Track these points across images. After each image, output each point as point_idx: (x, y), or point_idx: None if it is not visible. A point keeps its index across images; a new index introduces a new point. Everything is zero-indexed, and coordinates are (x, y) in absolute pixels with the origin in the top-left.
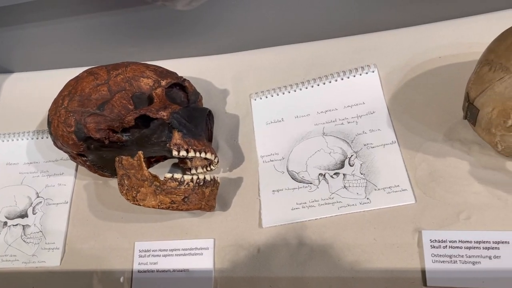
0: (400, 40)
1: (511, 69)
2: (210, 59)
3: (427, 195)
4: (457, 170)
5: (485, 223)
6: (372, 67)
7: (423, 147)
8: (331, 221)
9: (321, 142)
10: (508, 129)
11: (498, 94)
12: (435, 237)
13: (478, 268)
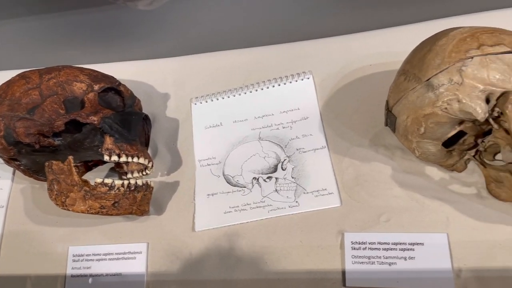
0: (334, 48)
1: (422, 79)
2: (152, 63)
3: (352, 199)
4: (380, 174)
5: (403, 225)
6: (308, 74)
7: (350, 152)
8: (262, 224)
9: (257, 146)
10: (422, 136)
11: (411, 103)
12: (356, 239)
13: (393, 269)
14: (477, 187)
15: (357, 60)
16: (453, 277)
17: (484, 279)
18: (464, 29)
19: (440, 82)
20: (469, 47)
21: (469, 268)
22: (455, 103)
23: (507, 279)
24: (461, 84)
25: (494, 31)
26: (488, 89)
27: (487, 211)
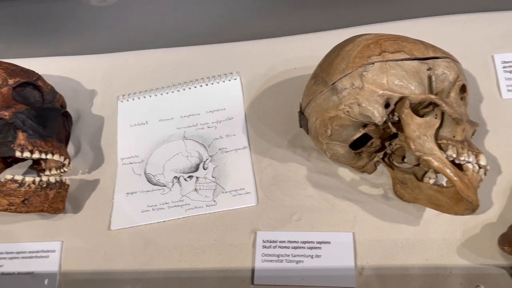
0: (262, 50)
1: (329, 83)
2: (80, 59)
3: (268, 198)
4: (296, 174)
5: (313, 224)
6: (235, 75)
7: (270, 152)
8: (178, 223)
9: (180, 145)
10: (330, 138)
11: (319, 105)
12: (267, 237)
13: (300, 267)
14: (385, 188)
15: (283, 63)
16: (355, 274)
17: (384, 277)
18: (370, 36)
19: (343, 86)
20: (371, 53)
21: (371, 266)
22: (356, 107)
23: (405, 277)
24: (362, 89)
25: (397, 39)
26: (386, 94)
27: (392, 211)
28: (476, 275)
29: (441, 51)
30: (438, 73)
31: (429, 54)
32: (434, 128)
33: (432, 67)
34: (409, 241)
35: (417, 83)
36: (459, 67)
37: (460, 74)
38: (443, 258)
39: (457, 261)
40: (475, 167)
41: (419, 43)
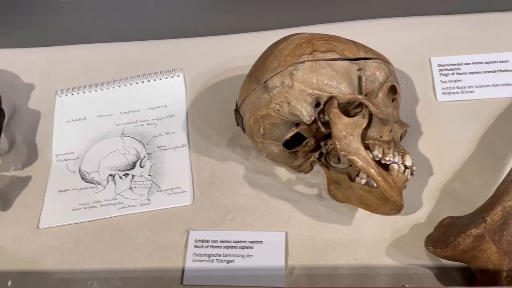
0: (206, 47)
1: (261, 81)
2: (18, 52)
3: (204, 197)
4: (234, 173)
5: (247, 223)
6: (179, 71)
7: (209, 151)
8: (110, 222)
9: (118, 142)
10: (263, 137)
11: (251, 103)
12: (200, 237)
13: (231, 267)
14: (320, 188)
15: (227, 60)
16: (286, 274)
17: (313, 276)
18: (304, 35)
19: (274, 85)
20: (303, 52)
21: (302, 265)
22: (285, 105)
23: (334, 276)
24: (291, 87)
25: (330, 39)
26: (315, 93)
27: (325, 211)
28: (402, 274)
29: (372, 52)
30: (368, 74)
31: (360, 55)
32: (361, 128)
33: (362, 67)
34: (341, 240)
35: (347, 83)
36: (390, 69)
37: (389, 75)
38: (372, 258)
39: (385, 261)
40: (401, 167)
41: (351, 44)
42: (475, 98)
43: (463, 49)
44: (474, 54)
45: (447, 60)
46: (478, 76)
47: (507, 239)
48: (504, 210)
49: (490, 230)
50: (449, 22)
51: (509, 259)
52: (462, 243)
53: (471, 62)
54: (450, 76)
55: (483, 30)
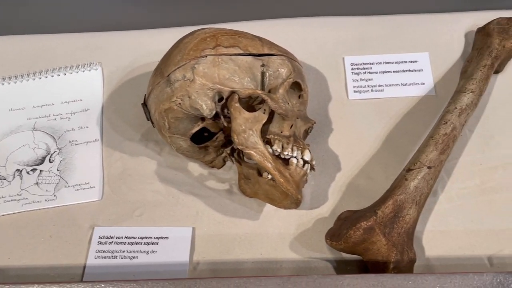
0: (125, 41)
1: (165, 74)
2: None
3: (113, 193)
4: (145, 169)
5: (154, 219)
6: (97, 65)
7: (121, 146)
8: (13, 218)
9: (28, 137)
10: (170, 131)
11: (156, 97)
12: (105, 233)
13: (134, 263)
14: (231, 183)
15: (146, 55)
16: (190, 269)
17: (217, 271)
18: (210, 30)
19: (176, 78)
20: (206, 47)
21: (207, 261)
22: (187, 99)
23: (238, 271)
24: (192, 81)
25: (235, 34)
26: (217, 87)
27: (234, 206)
28: (304, 268)
29: (278, 49)
30: (272, 70)
31: (264, 51)
32: (261, 123)
33: (266, 63)
34: (248, 235)
35: (249, 78)
36: (294, 66)
37: (293, 72)
38: (276, 252)
39: (288, 255)
40: (300, 162)
41: (257, 40)
42: (384, 96)
43: (375, 49)
44: (385, 54)
45: (360, 59)
46: (388, 75)
47: (397, 232)
48: (395, 204)
49: (381, 223)
50: (363, 22)
51: (396, 251)
52: (353, 236)
53: (382, 61)
54: (361, 75)
55: (394, 31)
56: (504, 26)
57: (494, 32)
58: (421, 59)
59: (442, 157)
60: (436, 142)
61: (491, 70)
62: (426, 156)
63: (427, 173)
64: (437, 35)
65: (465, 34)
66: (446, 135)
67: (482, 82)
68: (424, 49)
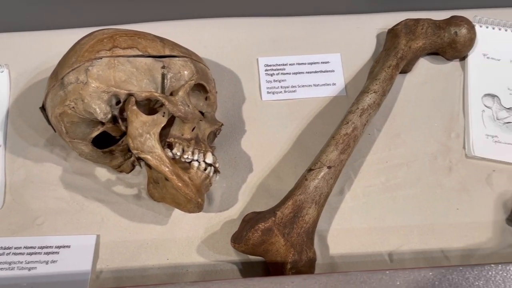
0: (34, 42)
1: (59, 77)
2: None
3: (15, 201)
4: (50, 175)
5: (57, 228)
6: (3, 67)
7: (26, 151)
8: None
9: None
10: (68, 136)
11: (51, 100)
12: (2, 244)
13: (32, 274)
14: (139, 188)
15: (57, 56)
16: (92, 278)
17: (121, 279)
18: (109, 30)
19: (69, 81)
20: (102, 48)
21: (111, 268)
22: (80, 103)
23: (143, 277)
24: (86, 84)
25: (135, 35)
26: (112, 90)
27: (142, 211)
28: (210, 271)
29: (180, 50)
30: (174, 71)
31: (165, 52)
32: (160, 126)
33: (167, 65)
34: (155, 241)
35: (148, 80)
36: (198, 67)
37: (196, 73)
38: (183, 256)
39: (195, 259)
40: (201, 165)
41: (158, 41)
42: (297, 97)
43: (289, 50)
44: (298, 55)
45: (273, 60)
46: (301, 76)
47: (296, 232)
48: (295, 204)
49: (280, 224)
50: (277, 23)
51: (294, 251)
52: (252, 238)
53: (295, 62)
54: (275, 76)
55: (308, 32)
56: (412, 27)
57: (401, 33)
58: (333, 60)
59: (343, 156)
60: (337, 142)
61: (396, 71)
62: (327, 156)
63: (327, 172)
64: (350, 36)
65: (377, 35)
66: (347, 135)
67: (386, 82)
68: (337, 50)
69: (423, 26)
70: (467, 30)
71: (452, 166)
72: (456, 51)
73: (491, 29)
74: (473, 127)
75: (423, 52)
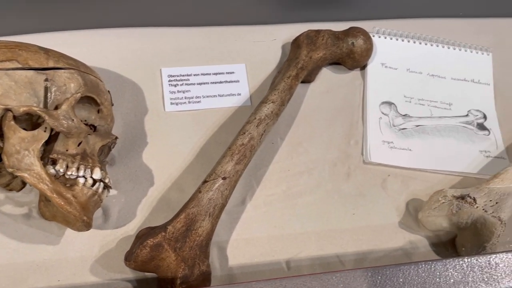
0: None
1: None
2: None
3: None
4: None
5: None
6: None
7: None
8: None
9: None
10: None
11: None
12: None
13: None
14: (30, 207)
15: None
16: None
17: None
18: None
19: None
20: None
21: None
22: None
23: None
24: None
25: (16, 47)
26: None
27: (32, 231)
28: None
29: (67, 61)
30: (59, 84)
31: (49, 65)
32: (40, 142)
33: (51, 78)
34: (46, 262)
35: (29, 94)
36: (86, 79)
37: (83, 86)
38: (75, 277)
39: (88, 279)
40: (88, 181)
41: (42, 53)
42: (201, 108)
43: (194, 61)
44: (203, 66)
45: (177, 71)
46: (205, 86)
47: (189, 246)
48: (187, 217)
49: (171, 239)
50: (181, 33)
51: (185, 265)
52: (140, 255)
53: (199, 73)
54: (179, 87)
55: (213, 42)
56: (313, 38)
57: (303, 44)
58: (238, 71)
59: (238, 167)
60: (233, 153)
61: (296, 81)
62: (222, 167)
63: (221, 184)
64: (255, 47)
65: (282, 46)
66: (243, 145)
67: (285, 92)
68: (242, 60)
69: (323, 37)
70: (363, 40)
71: (351, 172)
72: (354, 61)
73: (389, 39)
74: (371, 134)
75: (324, 62)
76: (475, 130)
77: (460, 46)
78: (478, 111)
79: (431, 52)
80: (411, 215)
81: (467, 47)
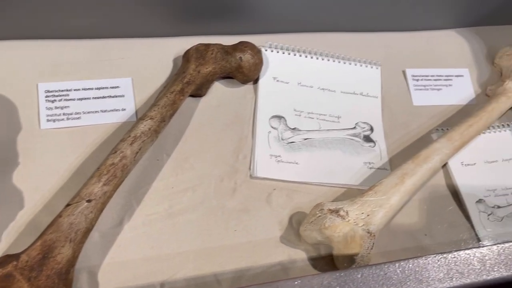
0: None
1: None
2: None
3: None
4: None
5: None
6: None
7: None
8: None
9: None
10: None
11: None
12: None
13: None
14: None
15: None
16: None
17: None
18: None
19: None
20: None
21: None
22: None
23: None
24: None
25: None
26: None
27: None
28: None
29: None
30: None
31: None
32: None
33: None
34: None
35: None
36: None
37: None
38: None
39: None
40: None
41: None
42: (81, 124)
43: (74, 75)
44: (85, 80)
45: (55, 86)
46: (87, 102)
47: (46, 274)
48: (44, 244)
49: (25, 268)
50: (60, 46)
51: None
52: None
53: (81, 88)
54: (57, 103)
55: (95, 55)
56: (202, 52)
57: (192, 58)
58: (123, 85)
59: (107, 188)
60: (101, 173)
61: (181, 95)
62: (87, 189)
63: (85, 207)
64: (144, 60)
65: (173, 60)
66: (113, 165)
67: (166, 108)
68: (128, 74)
69: (212, 51)
70: (251, 56)
71: (237, 187)
72: (244, 76)
73: (282, 53)
74: (259, 148)
75: (214, 77)
76: (361, 142)
77: (350, 60)
78: (366, 123)
79: (322, 66)
80: (293, 229)
81: (357, 61)
